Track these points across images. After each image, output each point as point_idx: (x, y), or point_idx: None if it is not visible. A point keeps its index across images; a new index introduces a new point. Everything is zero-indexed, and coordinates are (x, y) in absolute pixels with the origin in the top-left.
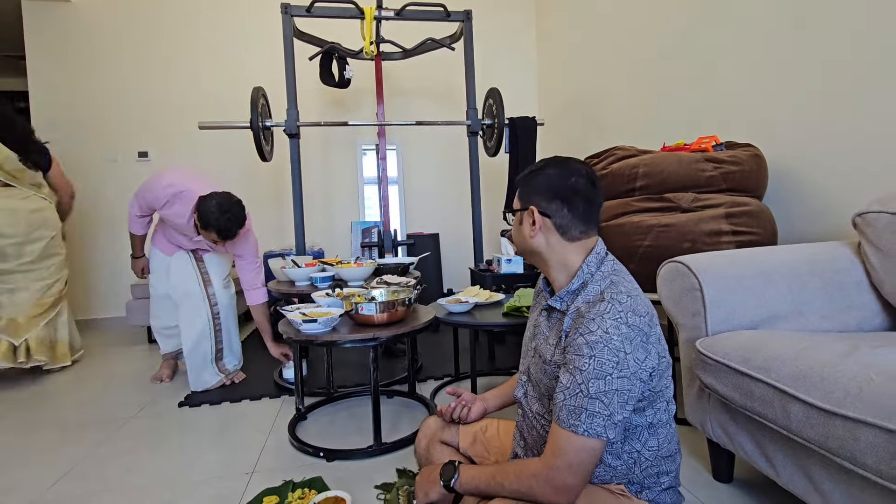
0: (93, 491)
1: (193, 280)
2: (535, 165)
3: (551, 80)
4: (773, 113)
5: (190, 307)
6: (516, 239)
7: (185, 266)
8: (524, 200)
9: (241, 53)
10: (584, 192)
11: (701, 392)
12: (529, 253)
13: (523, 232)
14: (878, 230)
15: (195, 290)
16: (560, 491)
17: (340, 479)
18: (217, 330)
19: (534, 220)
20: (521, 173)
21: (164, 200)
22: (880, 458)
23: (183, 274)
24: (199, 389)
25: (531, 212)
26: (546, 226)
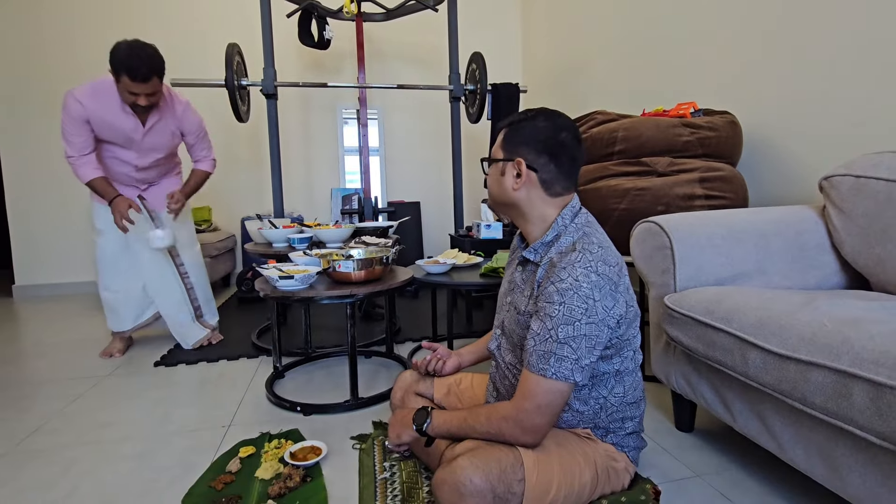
0: (65, 444)
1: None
2: (524, 114)
3: (535, 47)
4: (749, 81)
5: (159, 276)
6: (495, 190)
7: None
8: (510, 150)
9: (214, 8)
10: (571, 148)
11: (667, 346)
12: (508, 205)
13: (504, 183)
14: (841, 193)
15: (160, 260)
16: (528, 431)
17: (317, 431)
18: (189, 289)
19: (519, 173)
20: (508, 119)
21: (86, 99)
22: (828, 397)
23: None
24: (191, 346)
25: (517, 164)
26: (531, 180)
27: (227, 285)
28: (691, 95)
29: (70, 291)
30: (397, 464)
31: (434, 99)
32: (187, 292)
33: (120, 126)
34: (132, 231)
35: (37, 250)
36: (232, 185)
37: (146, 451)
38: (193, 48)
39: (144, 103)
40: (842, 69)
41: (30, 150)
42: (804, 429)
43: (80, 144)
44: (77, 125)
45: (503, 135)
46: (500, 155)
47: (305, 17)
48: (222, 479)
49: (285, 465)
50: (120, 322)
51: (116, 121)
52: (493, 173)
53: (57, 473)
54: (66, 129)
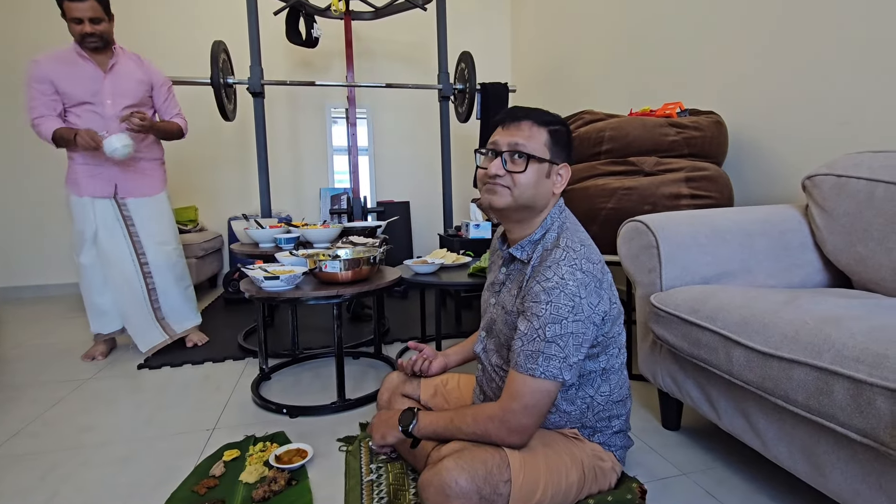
0: (45, 449)
1: (122, 243)
2: (559, 119)
3: (524, 47)
4: (734, 82)
5: (118, 273)
6: (530, 191)
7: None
8: (557, 153)
9: (200, 6)
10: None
11: (654, 345)
12: (534, 207)
13: (546, 185)
14: (823, 192)
15: (124, 255)
16: (514, 431)
17: (304, 434)
18: (150, 289)
19: (563, 176)
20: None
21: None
22: (809, 394)
23: (111, 241)
24: (145, 349)
25: (564, 167)
26: (564, 180)
27: (214, 286)
28: (678, 96)
29: (53, 293)
30: (384, 466)
31: (423, 98)
32: (147, 293)
33: (80, 73)
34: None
35: (18, 251)
36: (219, 185)
37: (128, 456)
38: (179, 46)
39: (90, 30)
40: (825, 70)
41: (10, 149)
42: (787, 426)
43: (43, 105)
44: (39, 86)
45: (547, 136)
46: (547, 155)
47: (293, 15)
48: (205, 484)
49: (270, 469)
50: (104, 324)
51: (76, 70)
52: (535, 173)
53: (36, 479)
54: (29, 94)
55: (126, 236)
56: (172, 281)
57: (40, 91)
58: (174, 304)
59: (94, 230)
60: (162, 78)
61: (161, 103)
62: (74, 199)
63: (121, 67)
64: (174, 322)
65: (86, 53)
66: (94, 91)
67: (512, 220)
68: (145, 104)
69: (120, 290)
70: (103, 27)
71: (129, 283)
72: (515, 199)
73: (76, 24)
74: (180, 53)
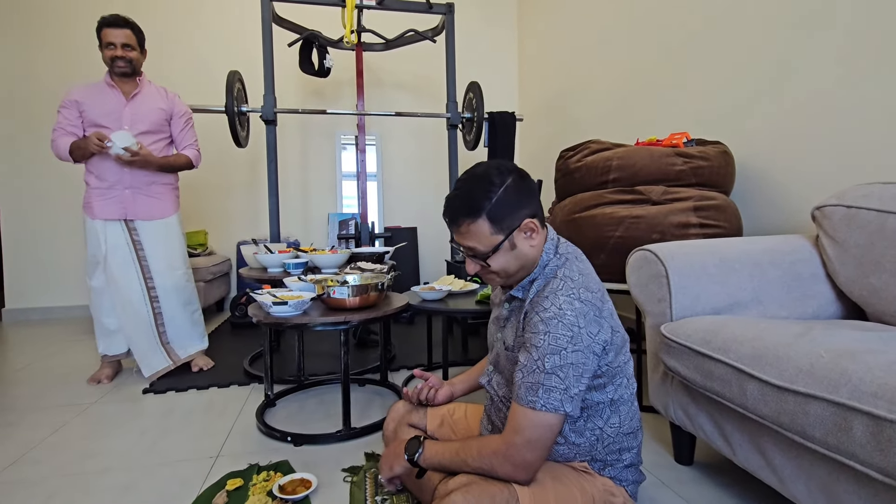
0: (46, 476)
1: (130, 267)
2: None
3: (532, 76)
4: (741, 113)
5: (124, 297)
6: (513, 264)
7: (122, 254)
8: (507, 224)
9: (217, 36)
10: (534, 182)
11: (665, 376)
12: (527, 267)
13: (522, 251)
14: (834, 223)
15: (131, 279)
16: (519, 467)
17: (308, 463)
18: (157, 314)
19: (531, 229)
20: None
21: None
22: (827, 431)
23: (119, 264)
24: (148, 374)
25: (525, 225)
26: (538, 227)
27: (221, 310)
28: (684, 126)
29: (60, 316)
30: (389, 498)
31: (432, 126)
32: (153, 317)
33: (103, 98)
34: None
35: (28, 274)
36: (228, 210)
37: (130, 483)
38: (197, 76)
39: (121, 54)
40: (832, 101)
41: (24, 176)
42: (805, 463)
43: (65, 123)
44: (66, 110)
45: (486, 223)
46: (500, 237)
47: (306, 47)
48: None
49: (273, 499)
50: (109, 345)
51: (101, 94)
52: (503, 256)
53: None
54: (57, 118)
55: (135, 260)
56: (180, 305)
57: (66, 114)
58: (180, 329)
59: (103, 253)
60: (182, 109)
61: (177, 132)
62: (88, 222)
63: (143, 96)
64: (179, 347)
65: (113, 81)
66: (114, 116)
67: (518, 281)
68: (162, 132)
69: (126, 314)
70: (133, 55)
71: (134, 308)
72: (504, 276)
73: (109, 48)
74: (197, 82)
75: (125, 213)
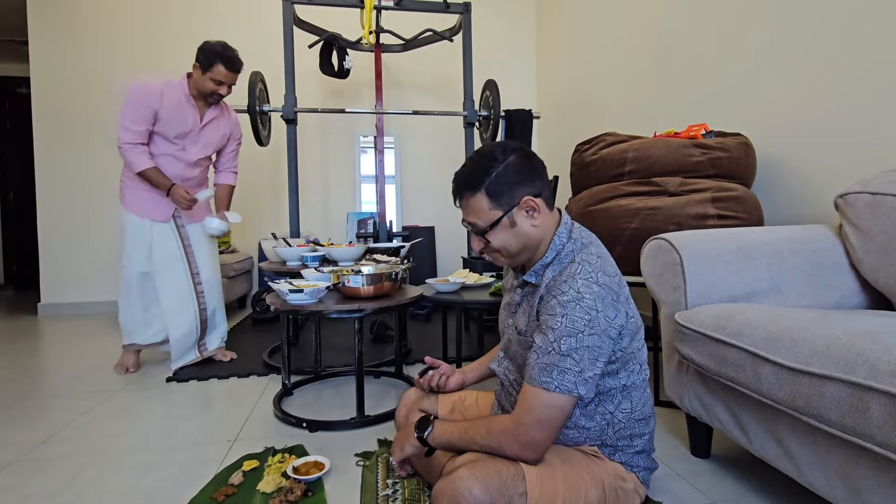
0: (72, 454)
1: (179, 265)
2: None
3: (549, 74)
4: (762, 103)
5: (174, 295)
6: (513, 243)
7: (171, 252)
8: (506, 200)
9: (241, 39)
10: (537, 159)
11: (680, 367)
12: (530, 248)
13: (523, 230)
14: (858, 210)
15: (180, 277)
16: (527, 446)
17: (322, 448)
18: (202, 309)
19: (532, 207)
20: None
21: (157, 95)
22: (844, 412)
23: (168, 263)
24: (177, 366)
25: (525, 203)
26: (541, 207)
27: (243, 306)
28: (703, 118)
29: (92, 311)
30: (400, 481)
31: (449, 126)
32: (199, 312)
33: (182, 117)
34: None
35: (62, 271)
36: (251, 208)
37: (152, 462)
38: None
39: (224, 93)
40: (854, 89)
41: (61, 175)
42: (822, 449)
43: (138, 134)
44: (141, 113)
45: (485, 198)
46: (498, 213)
47: (327, 48)
48: (224, 491)
49: (287, 479)
50: (134, 335)
51: (180, 112)
52: (502, 233)
53: (63, 481)
54: (129, 116)
55: (183, 257)
56: (218, 300)
57: (139, 119)
58: (216, 323)
59: (149, 248)
60: (239, 133)
61: (226, 153)
62: (134, 218)
63: (217, 123)
64: (210, 342)
65: (194, 101)
66: (187, 139)
67: (521, 262)
68: (218, 149)
69: (174, 309)
70: (230, 91)
71: (183, 305)
72: (507, 256)
73: (215, 83)
74: None
75: (173, 213)
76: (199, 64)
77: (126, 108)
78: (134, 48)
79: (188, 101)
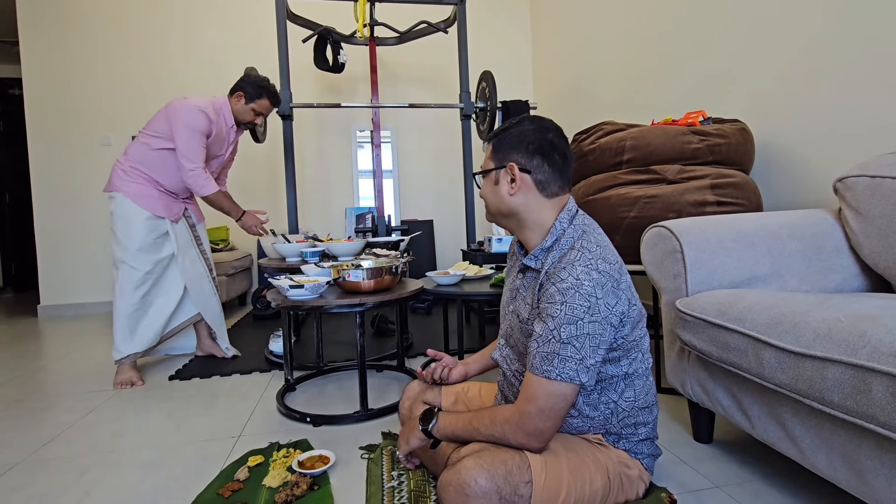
0: (78, 453)
1: (198, 262)
2: (508, 123)
3: (545, 64)
4: (761, 89)
5: (199, 290)
6: (491, 200)
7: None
8: (500, 158)
9: (233, 35)
10: (561, 147)
11: (681, 354)
12: (506, 214)
13: (500, 192)
14: (857, 194)
15: (201, 273)
16: (531, 435)
17: (326, 442)
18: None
19: (513, 178)
20: (495, 131)
21: (213, 115)
22: (846, 394)
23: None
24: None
25: (510, 168)
26: (526, 183)
27: (244, 304)
28: (701, 105)
29: (92, 311)
30: (405, 473)
31: (445, 118)
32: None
33: (224, 141)
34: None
35: (61, 272)
36: (248, 206)
37: (157, 460)
38: (212, 73)
39: (259, 123)
40: (854, 72)
41: (56, 176)
42: (825, 431)
43: (202, 156)
44: (200, 137)
45: (492, 146)
46: (491, 165)
47: (321, 42)
48: (230, 487)
49: (293, 474)
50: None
51: (222, 140)
52: (488, 185)
53: (70, 480)
54: (192, 140)
55: (199, 255)
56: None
57: (201, 143)
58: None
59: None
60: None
61: (228, 165)
62: (146, 214)
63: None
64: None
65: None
66: (220, 159)
67: (506, 228)
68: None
69: (199, 291)
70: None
71: (207, 299)
72: (488, 209)
73: (256, 115)
74: (215, 79)
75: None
76: (244, 94)
77: (186, 132)
78: (126, 47)
79: (231, 129)
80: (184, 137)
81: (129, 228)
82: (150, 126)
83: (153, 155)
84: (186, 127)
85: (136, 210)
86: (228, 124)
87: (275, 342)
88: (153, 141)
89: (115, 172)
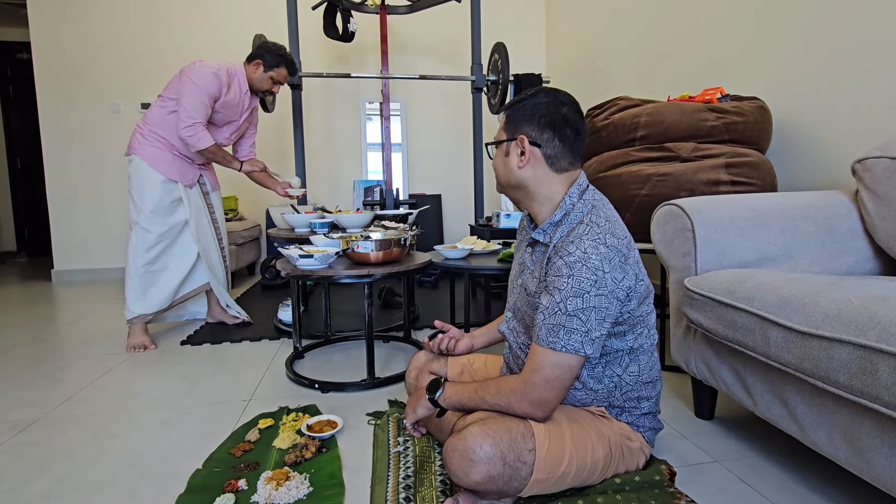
0: (93, 412)
1: (208, 231)
2: (523, 94)
3: (560, 36)
4: (780, 67)
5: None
6: (501, 171)
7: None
8: (512, 130)
9: (242, 2)
10: (574, 121)
11: (687, 331)
12: (514, 186)
13: (510, 163)
14: (876, 175)
15: (209, 242)
16: (535, 404)
17: (334, 408)
18: (226, 266)
19: (523, 151)
20: (509, 102)
21: (223, 85)
22: (852, 374)
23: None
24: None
25: (521, 141)
26: (535, 156)
27: (252, 273)
28: (719, 82)
29: (105, 277)
30: (411, 439)
31: (456, 91)
32: (226, 273)
33: (237, 107)
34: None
35: (74, 237)
36: None
37: (170, 420)
38: (221, 41)
39: (276, 92)
40: (874, 53)
41: (70, 140)
42: (827, 410)
43: (204, 114)
44: (206, 97)
45: (505, 117)
46: (503, 136)
47: (330, 10)
48: (241, 447)
49: (302, 436)
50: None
51: (235, 104)
52: (499, 156)
53: (86, 438)
54: (196, 97)
55: (210, 223)
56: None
57: (206, 102)
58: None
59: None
60: (256, 118)
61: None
62: (161, 178)
63: (251, 110)
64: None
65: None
66: (231, 120)
67: (514, 199)
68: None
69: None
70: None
71: (213, 268)
72: (499, 182)
73: (274, 83)
74: (223, 46)
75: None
76: (263, 62)
77: (193, 89)
78: (134, 10)
79: (245, 95)
80: (188, 93)
81: (143, 191)
82: (167, 90)
83: (170, 118)
84: (194, 84)
85: (152, 173)
86: (243, 90)
87: (283, 311)
88: (169, 103)
89: (134, 136)
